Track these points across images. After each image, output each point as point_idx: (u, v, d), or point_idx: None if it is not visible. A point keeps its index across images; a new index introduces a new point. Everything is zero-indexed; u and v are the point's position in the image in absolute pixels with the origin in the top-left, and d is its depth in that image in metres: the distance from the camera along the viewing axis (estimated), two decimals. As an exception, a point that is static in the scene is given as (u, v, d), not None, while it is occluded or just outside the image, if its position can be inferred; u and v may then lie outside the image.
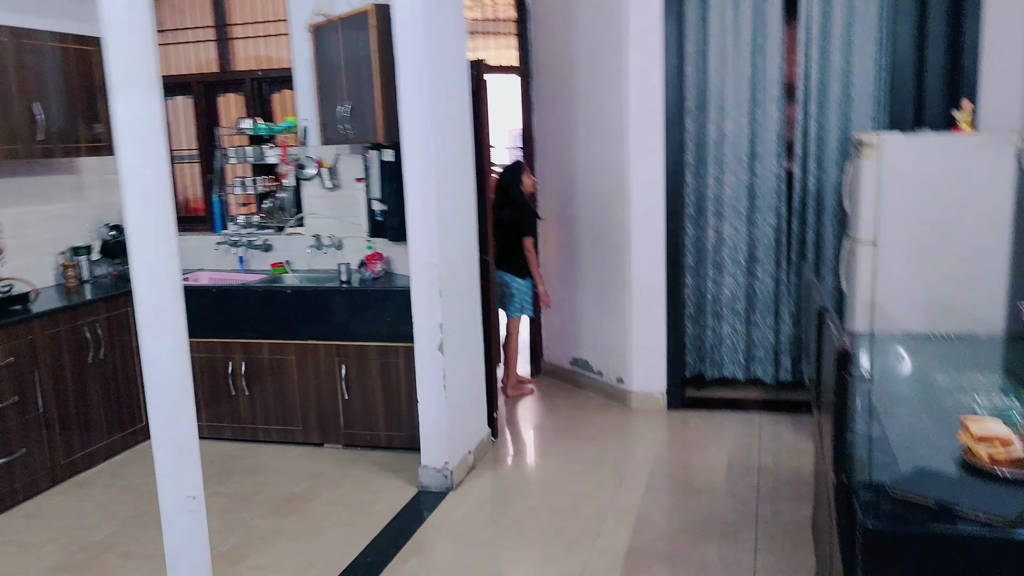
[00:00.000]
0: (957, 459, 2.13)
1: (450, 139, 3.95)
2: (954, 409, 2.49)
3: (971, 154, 3.70)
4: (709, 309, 5.09)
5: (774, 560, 3.22)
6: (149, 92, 2.15)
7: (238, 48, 5.14)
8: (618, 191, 4.92)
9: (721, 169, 4.90)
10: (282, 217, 5.01)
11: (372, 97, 4.07)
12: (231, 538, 3.57)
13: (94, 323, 4.37)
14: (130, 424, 4.64)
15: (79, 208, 4.95)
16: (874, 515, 1.87)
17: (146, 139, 2.15)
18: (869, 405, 2.57)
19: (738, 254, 4.95)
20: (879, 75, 4.57)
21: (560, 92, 5.30)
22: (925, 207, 3.77)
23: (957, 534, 1.81)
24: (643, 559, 3.28)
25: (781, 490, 3.83)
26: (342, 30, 4.25)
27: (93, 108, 4.58)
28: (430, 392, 3.94)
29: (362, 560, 3.37)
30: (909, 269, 3.82)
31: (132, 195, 2.16)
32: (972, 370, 2.93)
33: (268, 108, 5.18)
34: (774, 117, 4.76)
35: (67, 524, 3.78)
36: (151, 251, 2.17)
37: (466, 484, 4.06)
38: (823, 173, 4.75)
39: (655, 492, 3.87)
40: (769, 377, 5.05)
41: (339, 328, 4.38)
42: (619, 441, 4.52)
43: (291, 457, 4.45)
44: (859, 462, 2.15)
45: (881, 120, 4.61)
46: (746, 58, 4.75)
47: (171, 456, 2.30)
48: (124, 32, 2.11)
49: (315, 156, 4.84)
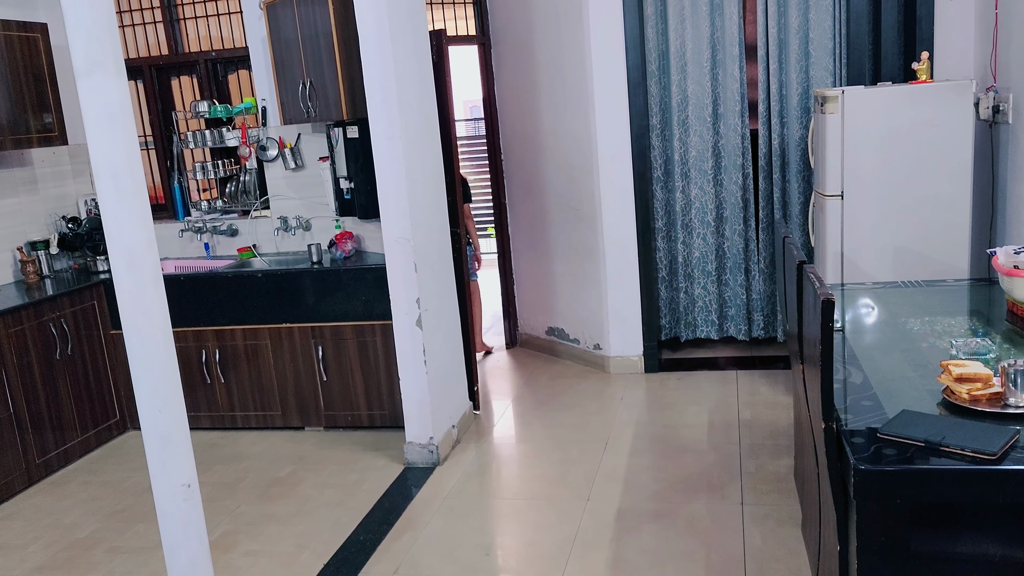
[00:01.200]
0: (939, 400, 2.19)
1: (416, 112, 3.91)
2: (930, 353, 2.56)
3: (930, 104, 3.77)
4: (681, 271, 5.14)
5: (761, 511, 3.30)
6: (116, 75, 2.08)
7: (189, 29, 5.00)
8: (585, 158, 4.93)
9: (686, 131, 4.93)
10: (246, 200, 4.93)
11: (334, 73, 4.01)
12: (220, 526, 3.54)
13: (59, 318, 4.27)
14: (104, 419, 4.56)
15: (33, 201, 4.81)
16: (865, 457, 1.92)
17: (116, 123, 2.08)
18: (849, 354, 2.63)
19: (707, 215, 5.00)
20: (837, 30, 4.62)
21: (521, 61, 5.27)
22: (889, 158, 3.84)
23: (945, 470, 1.87)
24: (634, 519, 3.33)
25: (762, 443, 3.91)
26: (297, 6, 4.16)
27: (42, 97, 4.44)
28: (411, 368, 3.93)
29: (355, 539, 3.37)
30: (876, 220, 3.90)
31: (105, 182, 2.10)
32: (944, 315, 3.01)
33: (225, 90, 5.06)
34: (735, 76, 4.79)
35: (48, 523, 3.72)
36: (129, 239, 2.12)
37: (452, 458, 4.08)
38: (786, 130, 4.80)
39: (640, 454, 3.93)
40: (742, 334, 5.14)
41: (313, 309, 4.34)
42: (600, 407, 4.56)
43: (272, 442, 4.42)
44: (845, 409, 2.21)
45: (840, 75, 4.66)
46: (705, 18, 4.77)
47: (162, 446, 2.26)
48: (86, 14, 2.04)
49: (276, 136, 4.75)
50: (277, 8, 4.31)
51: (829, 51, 4.63)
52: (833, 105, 3.85)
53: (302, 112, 4.28)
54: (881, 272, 3.90)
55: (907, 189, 3.84)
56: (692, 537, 3.16)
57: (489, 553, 3.22)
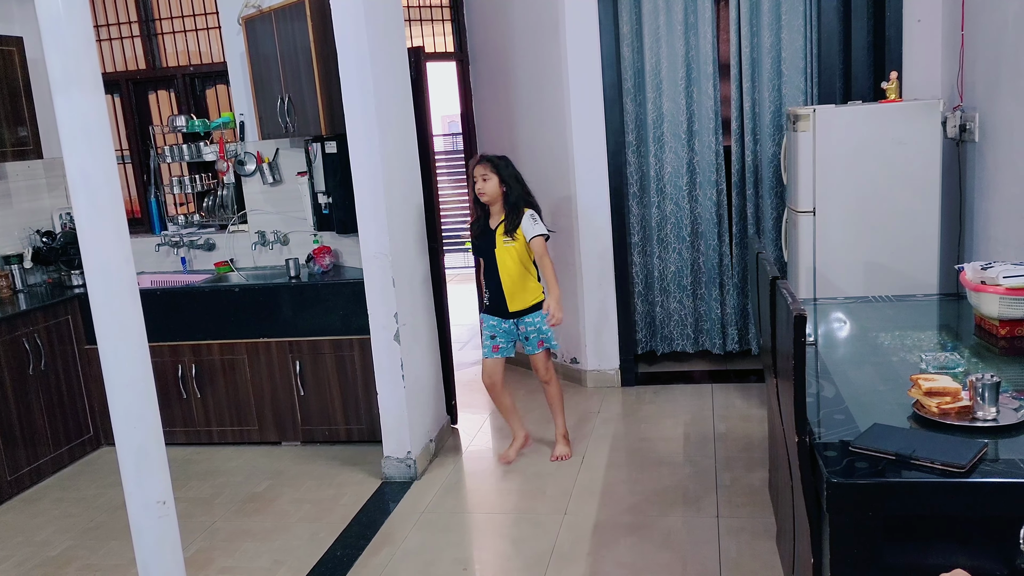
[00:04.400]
0: (909, 413, 2.24)
1: (394, 128, 3.93)
2: (901, 367, 2.61)
3: (900, 122, 3.85)
4: (657, 285, 5.19)
5: (736, 523, 3.33)
6: (92, 90, 2.08)
7: (167, 44, 4.99)
8: (562, 173, 4.97)
9: (661, 147, 4.99)
10: (224, 215, 4.91)
11: (313, 89, 4.02)
12: (195, 543, 3.51)
13: (33, 333, 4.23)
14: (77, 435, 4.51)
15: (7, 215, 4.76)
16: (838, 470, 1.96)
17: (92, 138, 2.08)
18: (821, 368, 2.68)
19: (682, 230, 5.06)
20: (808, 50, 4.71)
21: (499, 77, 5.31)
22: (859, 175, 3.91)
23: (916, 482, 1.91)
24: (610, 532, 3.35)
25: (737, 456, 3.95)
26: (276, 22, 4.17)
27: (17, 111, 4.41)
28: (389, 382, 3.93)
29: (332, 554, 3.36)
30: (847, 236, 3.97)
31: (82, 197, 2.09)
32: (913, 329, 3.07)
33: (202, 105, 5.05)
34: (709, 94, 4.86)
35: (19, 541, 3.67)
36: (105, 254, 2.11)
37: (430, 472, 4.07)
38: (759, 147, 4.88)
39: (617, 467, 3.95)
40: (717, 348, 5.19)
41: (290, 324, 4.33)
42: (577, 420, 4.58)
43: (249, 457, 4.39)
44: (818, 422, 2.25)
45: (812, 94, 4.75)
46: (679, 37, 4.84)
47: (136, 462, 2.25)
48: (63, 29, 2.04)
49: (254, 151, 4.75)
50: (256, 23, 4.32)
51: (801, 70, 4.72)
52: (805, 123, 3.93)
53: (280, 127, 4.28)
54: (852, 287, 3.97)
55: (877, 205, 3.92)
56: (668, 550, 3.18)
57: (467, 568, 3.22)
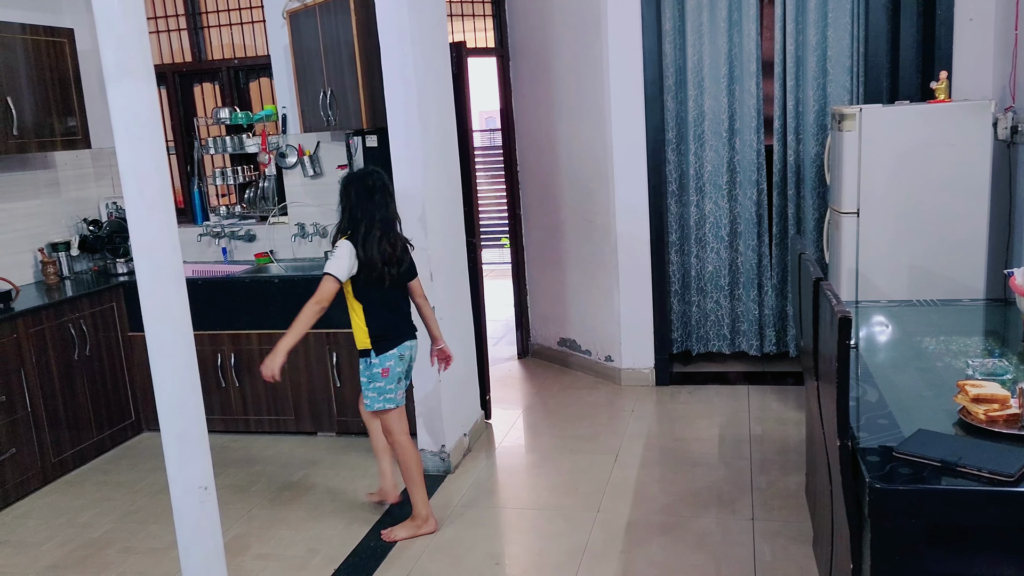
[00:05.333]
0: (955, 420, 2.19)
1: (435, 123, 3.94)
2: (946, 372, 2.56)
3: (949, 123, 3.77)
4: (694, 285, 5.15)
5: (772, 527, 3.29)
6: (145, 81, 2.12)
7: (212, 37, 5.07)
8: (601, 170, 4.95)
9: (702, 145, 4.95)
10: (264, 206, 4.97)
11: (355, 83, 4.05)
12: (232, 529, 3.56)
13: (79, 319, 4.32)
14: (119, 420, 4.60)
15: (56, 203, 4.87)
16: (881, 476, 1.93)
17: (144, 129, 2.12)
18: (864, 372, 2.64)
19: (720, 229, 5.01)
20: (855, 48, 4.63)
21: (539, 73, 5.30)
22: (905, 177, 3.84)
23: (962, 490, 1.87)
24: (644, 531, 3.33)
25: (773, 459, 3.90)
26: (320, 15, 4.21)
27: (67, 101, 4.50)
28: (425, 376, 3.95)
29: (365, 545, 3.38)
30: (891, 238, 3.90)
31: (132, 186, 2.13)
32: (959, 335, 3.01)
33: (246, 97, 5.12)
34: (752, 92, 4.81)
35: (62, 522, 3.75)
36: (154, 242, 2.15)
37: (463, 466, 4.09)
38: (802, 146, 4.81)
39: (650, 466, 3.93)
40: (754, 350, 5.13)
41: (328, 316, 4.31)
42: (611, 418, 4.57)
43: (284, 447, 4.44)
44: (861, 426, 2.21)
45: (857, 93, 4.67)
46: (723, 34, 4.79)
47: (179, 448, 2.29)
48: (117, 20, 2.07)
49: (296, 144, 4.80)
50: (300, 17, 4.36)
51: (847, 69, 4.64)
52: (850, 123, 3.86)
53: (322, 120, 4.32)
54: (896, 290, 3.90)
55: (923, 207, 3.84)
56: (702, 551, 3.16)
57: (499, 562, 3.23)
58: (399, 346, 3.31)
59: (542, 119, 5.34)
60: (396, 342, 3.31)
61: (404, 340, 3.34)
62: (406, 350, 3.35)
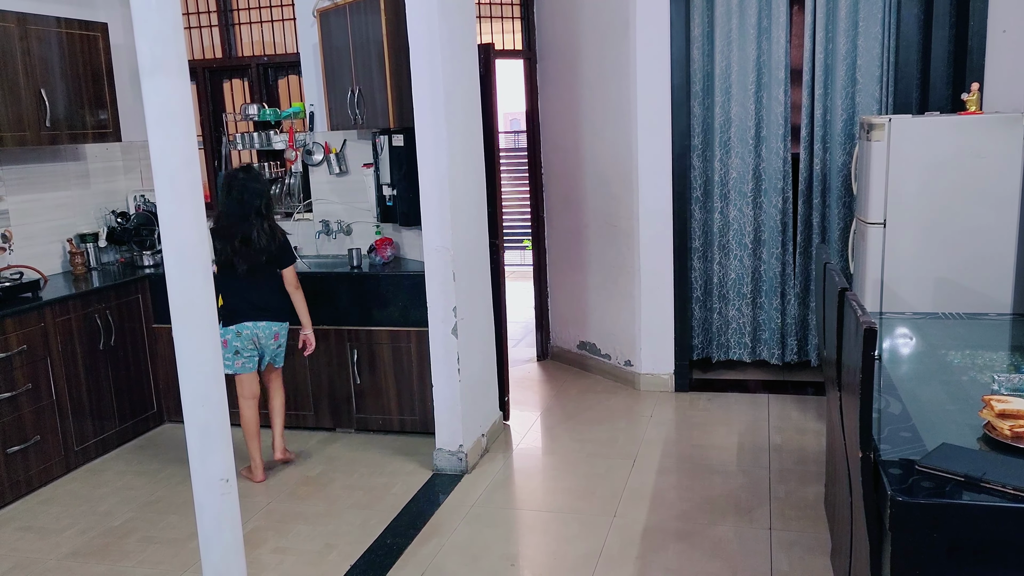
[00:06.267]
0: (980, 435, 2.17)
1: (462, 124, 3.96)
2: (971, 387, 2.53)
3: (979, 135, 3.73)
4: (716, 292, 5.13)
5: (789, 537, 3.27)
6: (178, 76, 2.15)
7: (243, 34, 5.12)
8: (625, 174, 4.94)
9: (727, 152, 4.93)
10: (290, 203, 5.01)
11: (383, 82, 4.07)
12: (250, 522, 3.59)
13: (104, 310, 4.37)
14: (142, 410, 4.65)
15: (85, 195, 4.94)
16: (903, 489, 1.91)
17: (176, 123, 2.15)
18: (887, 384, 2.61)
19: (744, 236, 4.99)
20: (885, 58, 4.59)
21: (566, 76, 5.31)
22: (934, 188, 3.81)
23: (986, 506, 1.85)
24: (660, 537, 3.33)
25: (792, 469, 3.88)
26: (350, 15, 4.24)
27: (99, 94, 4.56)
28: (444, 375, 3.96)
29: (382, 542, 3.40)
30: (918, 250, 3.86)
31: (163, 180, 2.16)
32: (985, 349, 2.97)
33: (274, 94, 5.17)
34: (780, 100, 4.78)
35: (84, 510, 3.80)
36: (183, 234, 2.18)
37: (480, 467, 4.10)
38: (828, 155, 4.78)
39: (668, 472, 3.92)
40: (775, 358, 5.10)
41: (350, 313, 4.40)
42: (629, 423, 4.56)
43: (303, 442, 4.47)
44: (883, 438, 2.19)
45: (886, 103, 4.64)
46: (752, 41, 4.77)
47: (202, 440, 2.31)
48: (154, 17, 2.10)
49: (322, 141, 4.83)
50: (330, 16, 4.39)
51: (876, 78, 4.61)
52: (879, 132, 3.83)
53: (349, 119, 4.35)
54: (921, 302, 3.86)
55: (951, 220, 3.81)
56: (718, 559, 3.15)
57: (514, 564, 3.23)
58: (237, 325, 3.86)
59: (567, 122, 5.34)
60: (233, 321, 3.85)
61: (242, 321, 3.87)
62: (244, 329, 3.88)
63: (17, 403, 3.88)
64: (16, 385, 3.87)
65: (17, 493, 3.91)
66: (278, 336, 4.00)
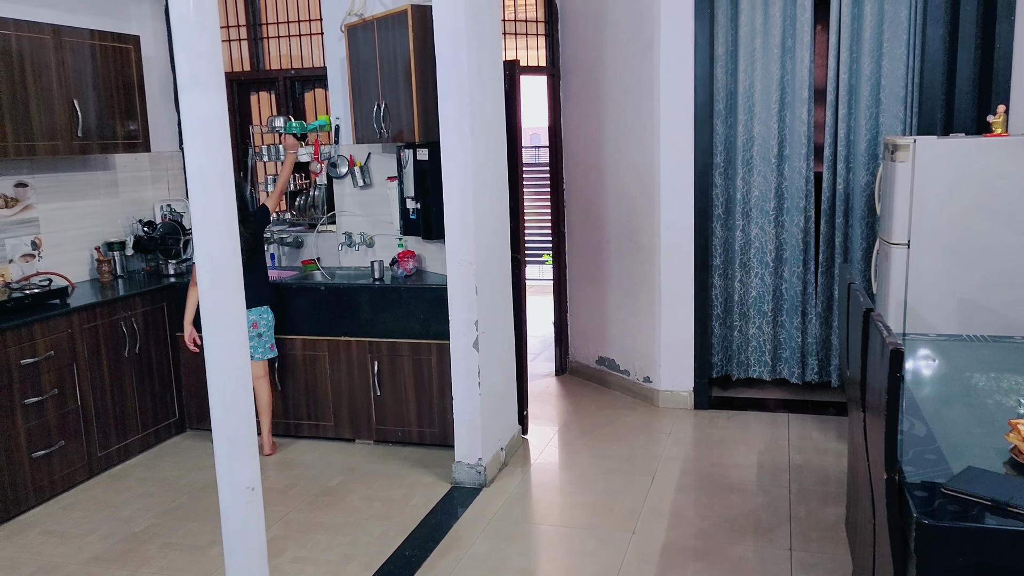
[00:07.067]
0: (1006, 459, 2.16)
1: (487, 139, 3.99)
2: (997, 410, 2.52)
3: (1005, 158, 3.72)
4: (736, 310, 5.12)
5: (810, 558, 3.25)
6: (215, 91, 2.19)
7: (271, 47, 5.19)
8: (647, 191, 4.96)
9: (750, 170, 4.93)
10: (314, 215, 5.07)
11: (409, 96, 4.12)
12: (270, 531, 3.61)
13: (130, 318, 4.43)
14: (164, 418, 4.70)
15: (113, 204, 5.01)
16: (929, 512, 1.90)
17: (212, 136, 2.20)
18: (911, 405, 2.60)
19: (765, 255, 4.99)
20: (909, 79, 4.59)
21: (589, 92, 5.34)
22: (958, 210, 3.79)
23: (1013, 531, 1.84)
24: (679, 555, 3.31)
25: (812, 489, 3.86)
26: (378, 30, 4.30)
27: (130, 105, 4.64)
28: (465, 389, 3.98)
29: (400, 554, 3.41)
30: (942, 271, 3.85)
31: (198, 191, 2.21)
32: (1011, 372, 2.95)
33: (300, 107, 5.23)
34: (803, 119, 4.79)
35: (106, 516, 3.84)
36: (215, 244, 2.22)
37: (499, 480, 4.11)
38: (852, 175, 4.78)
39: (687, 490, 3.91)
40: (795, 377, 5.08)
41: (371, 325, 4.43)
42: (648, 440, 4.55)
43: (323, 452, 4.50)
44: (909, 461, 2.19)
45: (910, 123, 4.63)
46: (775, 60, 4.78)
47: (229, 448, 2.34)
48: (193, 33, 2.16)
49: (347, 154, 4.88)
50: (358, 31, 4.45)
51: (900, 99, 4.60)
52: (904, 153, 3.83)
53: (375, 132, 4.40)
54: (945, 324, 3.84)
55: (976, 241, 3.79)
56: (738, 579, 3.13)
57: (533, 579, 3.23)
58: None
59: (590, 138, 5.37)
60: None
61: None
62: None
63: (43, 408, 3.93)
64: (43, 390, 3.93)
65: (40, 497, 3.95)
66: (256, 325, 4.06)
